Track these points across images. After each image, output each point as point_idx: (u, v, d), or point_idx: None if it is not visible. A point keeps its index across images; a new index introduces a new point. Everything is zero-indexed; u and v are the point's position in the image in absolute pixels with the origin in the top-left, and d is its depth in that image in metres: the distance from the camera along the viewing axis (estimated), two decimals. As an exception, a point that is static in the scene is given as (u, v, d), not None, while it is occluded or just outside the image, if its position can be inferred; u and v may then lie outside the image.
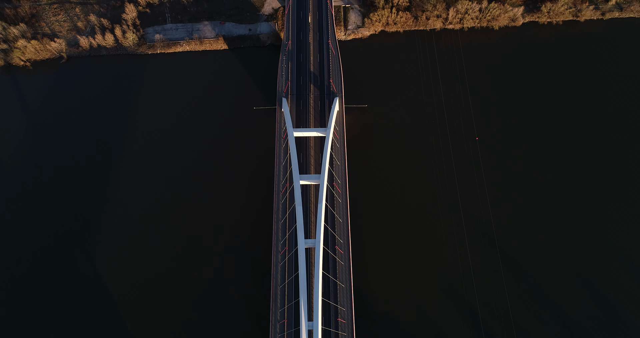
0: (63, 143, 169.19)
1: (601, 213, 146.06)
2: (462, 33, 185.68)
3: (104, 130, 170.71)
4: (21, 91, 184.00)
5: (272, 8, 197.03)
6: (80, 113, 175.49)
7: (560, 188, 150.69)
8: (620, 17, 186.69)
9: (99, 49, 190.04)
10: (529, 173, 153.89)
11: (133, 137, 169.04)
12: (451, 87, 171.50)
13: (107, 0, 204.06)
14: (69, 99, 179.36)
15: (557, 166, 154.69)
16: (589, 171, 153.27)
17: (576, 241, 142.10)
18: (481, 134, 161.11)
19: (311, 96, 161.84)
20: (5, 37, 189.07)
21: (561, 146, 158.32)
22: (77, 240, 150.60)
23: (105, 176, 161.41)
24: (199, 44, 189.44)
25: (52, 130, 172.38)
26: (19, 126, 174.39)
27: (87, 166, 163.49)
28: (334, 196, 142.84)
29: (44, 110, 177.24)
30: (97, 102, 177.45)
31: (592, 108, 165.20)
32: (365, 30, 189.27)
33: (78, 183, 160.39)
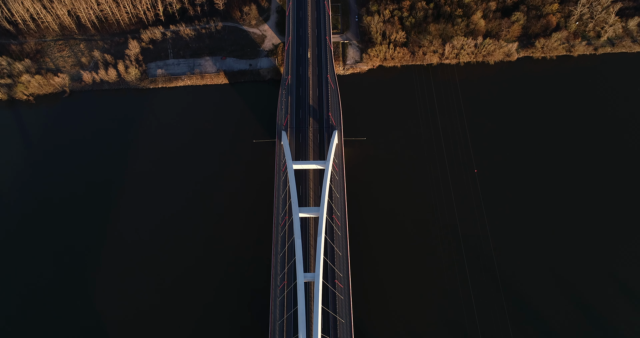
0: (64, 176, 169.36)
1: (602, 244, 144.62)
2: (458, 68, 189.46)
3: (105, 163, 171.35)
4: (23, 124, 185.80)
5: (272, 44, 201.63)
6: (82, 146, 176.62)
7: (560, 220, 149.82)
8: (613, 52, 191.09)
9: (102, 83, 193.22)
10: (528, 204, 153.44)
11: (133, 169, 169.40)
12: (449, 121, 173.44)
13: (111, 36, 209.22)
14: (70, 132, 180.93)
15: (556, 197, 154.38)
16: (588, 203, 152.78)
17: (578, 272, 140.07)
18: (480, 166, 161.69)
19: (310, 129, 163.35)
20: (10, 72, 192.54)
21: (560, 177, 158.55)
22: (74, 273, 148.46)
23: (105, 208, 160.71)
24: (200, 79, 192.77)
25: (53, 163, 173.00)
26: (20, 159, 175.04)
27: (87, 199, 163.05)
28: (333, 229, 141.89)
29: (45, 143, 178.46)
30: (99, 136, 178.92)
31: (588, 140, 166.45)
32: (364, 65, 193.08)
33: (78, 215, 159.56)
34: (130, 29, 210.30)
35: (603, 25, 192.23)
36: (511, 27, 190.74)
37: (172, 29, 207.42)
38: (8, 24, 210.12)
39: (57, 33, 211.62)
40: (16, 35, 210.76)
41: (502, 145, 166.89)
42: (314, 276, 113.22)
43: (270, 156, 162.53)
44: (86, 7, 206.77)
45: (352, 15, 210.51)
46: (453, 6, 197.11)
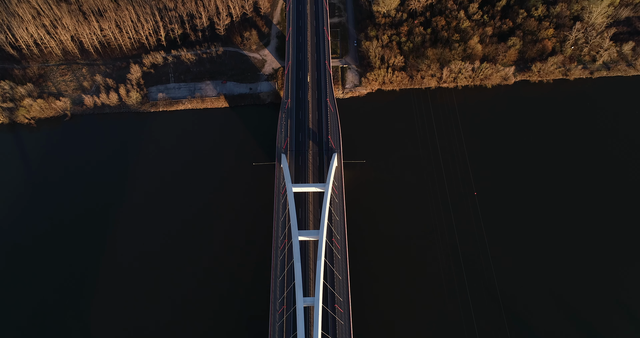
0: (64, 198, 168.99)
1: (603, 265, 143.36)
2: (456, 91, 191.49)
3: (105, 185, 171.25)
4: (24, 147, 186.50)
5: (272, 68, 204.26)
6: (82, 168, 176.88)
7: (560, 242, 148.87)
8: (608, 76, 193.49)
9: (103, 107, 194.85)
10: (529, 227, 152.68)
11: (133, 192, 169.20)
12: (448, 144, 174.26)
13: (113, 61, 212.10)
14: (71, 155, 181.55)
15: (556, 220, 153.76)
16: (587, 224, 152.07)
17: (579, 294, 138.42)
18: (479, 189, 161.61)
19: (310, 152, 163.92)
20: (12, 96, 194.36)
21: (559, 200, 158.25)
22: (74, 296, 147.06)
23: (104, 230, 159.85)
24: (200, 102, 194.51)
25: (54, 185, 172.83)
26: (21, 181, 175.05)
27: (87, 221, 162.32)
28: (333, 252, 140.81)
29: (46, 166, 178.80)
30: (99, 158, 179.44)
31: (587, 162, 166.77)
32: (363, 88, 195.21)
33: (79, 238, 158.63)
34: (132, 54, 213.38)
35: (598, 49, 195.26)
36: (508, 51, 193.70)
37: (174, 53, 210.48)
38: (12, 49, 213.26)
39: (60, 58, 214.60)
40: (19, 60, 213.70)
41: (501, 168, 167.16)
42: (314, 300, 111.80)
43: (270, 179, 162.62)
44: (89, 33, 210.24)
45: (351, 40, 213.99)
46: (450, 31, 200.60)
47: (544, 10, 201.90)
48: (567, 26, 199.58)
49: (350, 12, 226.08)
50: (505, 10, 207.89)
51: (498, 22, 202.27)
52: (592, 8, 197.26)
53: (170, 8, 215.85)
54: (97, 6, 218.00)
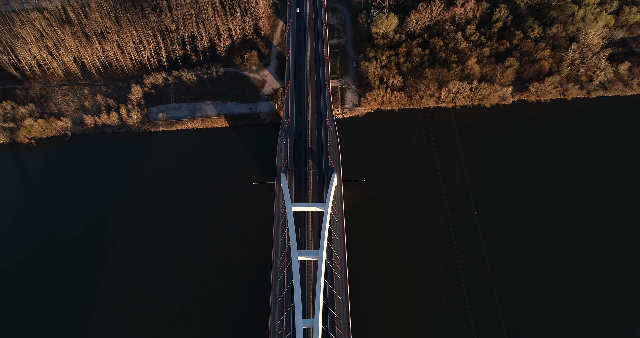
0: (63, 217, 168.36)
1: (605, 284, 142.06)
2: (455, 111, 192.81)
3: (104, 204, 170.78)
4: (24, 167, 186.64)
5: (272, 88, 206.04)
6: (82, 187, 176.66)
7: (562, 261, 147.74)
8: (606, 96, 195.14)
9: (103, 127, 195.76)
10: (530, 246, 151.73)
11: (132, 211, 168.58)
12: (447, 163, 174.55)
13: (115, 82, 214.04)
14: (70, 174, 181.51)
15: (557, 239, 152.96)
16: (588, 243, 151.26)
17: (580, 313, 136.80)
18: (479, 208, 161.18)
19: (309, 172, 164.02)
20: (14, 116, 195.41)
21: (559, 219, 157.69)
22: (76, 305, 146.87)
23: (103, 249, 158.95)
24: (200, 122, 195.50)
25: (53, 204, 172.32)
26: (21, 200, 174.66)
27: (86, 240, 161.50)
28: (333, 272, 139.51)
29: (45, 185, 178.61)
30: (99, 177, 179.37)
31: (586, 181, 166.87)
32: (362, 108, 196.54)
33: (77, 257, 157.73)
34: (134, 75, 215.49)
35: (594, 69, 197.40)
36: (505, 72, 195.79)
37: (175, 74, 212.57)
38: (14, 70, 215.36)
39: (61, 78, 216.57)
40: (22, 80, 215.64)
41: (501, 187, 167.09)
42: (313, 322, 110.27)
43: (270, 198, 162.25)
44: (91, 54, 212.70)
45: (350, 60, 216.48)
46: (448, 52, 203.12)
47: (540, 32, 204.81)
48: (564, 47, 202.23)
49: (349, 34, 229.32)
50: (502, 32, 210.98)
51: (495, 43, 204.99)
52: (587, 29, 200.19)
53: (171, 30, 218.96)
54: (99, 28, 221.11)
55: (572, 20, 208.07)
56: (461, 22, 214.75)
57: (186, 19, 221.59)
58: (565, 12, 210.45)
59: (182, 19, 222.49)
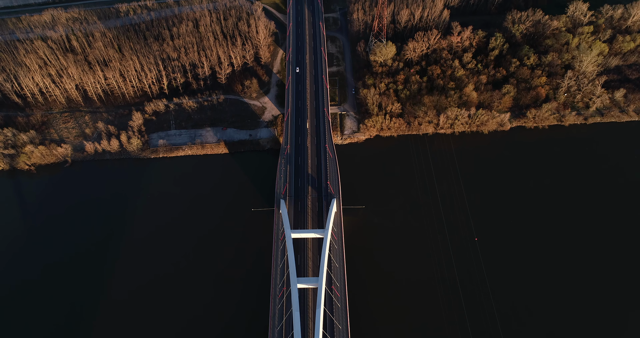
0: (62, 244, 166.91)
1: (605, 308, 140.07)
2: (453, 137, 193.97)
3: (102, 230, 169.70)
4: (23, 194, 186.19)
5: (272, 115, 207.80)
6: (81, 213, 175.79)
7: (563, 287, 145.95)
8: (603, 122, 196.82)
9: (104, 153, 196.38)
10: (531, 273, 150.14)
11: (130, 237, 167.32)
12: (447, 189, 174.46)
13: (116, 109, 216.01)
14: (69, 200, 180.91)
15: (559, 263, 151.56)
16: (588, 268, 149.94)
17: None
18: (480, 234, 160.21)
19: (309, 198, 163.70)
20: (14, 143, 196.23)
21: (560, 244, 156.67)
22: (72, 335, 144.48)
23: (102, 275, 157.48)
24: (200, 149, 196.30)
25: (52, 231, 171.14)
26: (20, 227, 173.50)
27: (84, 266, 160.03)
28: (332, 300, 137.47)
29: (45, 211, 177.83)
30: (98, 204, 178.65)
31: (586, 206, 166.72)
32: (361, 135, 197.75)
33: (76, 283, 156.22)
34: (135, 102, 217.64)
35: (591, 96, 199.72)
36: (502, 98, 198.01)
37: (176, 101, 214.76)
38: (17, 97, 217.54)
39: (63, 106, 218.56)
40: (24, 107, 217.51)
41: (502, 213, 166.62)
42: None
43: (269, 225, 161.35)
44: (94, 82, 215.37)
45: (349, 88, 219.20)
46: (445, 79, 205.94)
47: (536, 60, 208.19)
48: (559, 74, 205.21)
49: (348, 62, 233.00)
50: (498, 60, 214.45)
51: (492, 71, 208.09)
52: (582, 57, 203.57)
53: (173, 58, 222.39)
54: (102, 56, 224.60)
55: (567, 49, 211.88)
56: (458, 50, 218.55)
57: (188, 48, 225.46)
58: (559, 41, 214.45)
59: (183, 47, 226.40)
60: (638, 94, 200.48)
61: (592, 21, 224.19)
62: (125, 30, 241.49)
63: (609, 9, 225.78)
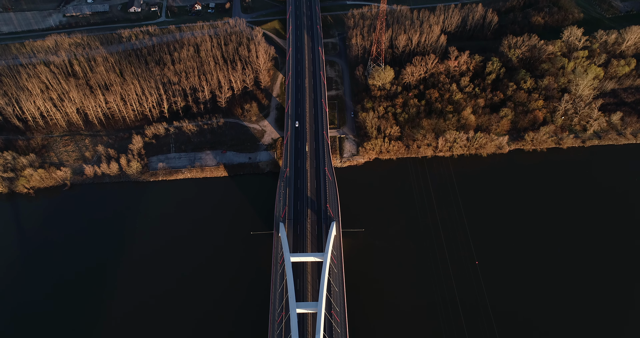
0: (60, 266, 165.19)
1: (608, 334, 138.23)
2: (452, 160, 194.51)
3: (100, 253, 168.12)
4: (22, 217, 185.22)
5: (272, 138, 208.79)
6: (78, 236, 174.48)
7: (566, 312, 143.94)
8: (600, 145, 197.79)
9: (103, 176, 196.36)
10: (533, 297, 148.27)
11: (128, 260, 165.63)
12: (446, 211, 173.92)
13: (116, 132, 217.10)
14: (68, 223, 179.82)
15: (562, 288, 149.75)
16: (590, 293, 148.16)
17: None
18: (481, 257, 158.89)
19: (308, 221, 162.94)
20: (14, 166, 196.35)
21: (561, 266, 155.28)
22: None
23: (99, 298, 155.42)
24: (200, 172, 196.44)
25: (50, 254, 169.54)
26: (17, 250, 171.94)
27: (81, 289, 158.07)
28: (332, 325, 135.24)
29: (43, 234, 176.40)
30: (96, 227, 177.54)
31: (587, 228, 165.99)
32: (360, 158, 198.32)
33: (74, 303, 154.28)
34: (135, 125, 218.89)
35: (588, 119, 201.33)
36: (500, 121, 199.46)
37: (176, 124, 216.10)
38: (18, 121, 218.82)
39: (64, 129, 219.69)
40: (24, 131, 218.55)
41: (502, 235, 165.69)
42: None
43: (268, 248, 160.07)
44: (94, 105, 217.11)
45: (348, 111, 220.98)
46: (444, 103, 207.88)
47: (533, 83, 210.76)
48: (556, 98, 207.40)
49: (347, 85, 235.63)
50: (495, 83, 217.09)
51: (489, 94, 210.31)
52: (578, 81, 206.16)
53: (174, 82, 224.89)
54: (103, 81, 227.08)
55: (563, 73, 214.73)
56: (455, 74, 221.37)
57: (188, 72, 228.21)
58: (555, 65, 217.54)
59: (184, 72, 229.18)
60: (635, 117, 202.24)
61: (587, 46, 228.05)
62: (127, 55, 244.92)
63: (603, 34, 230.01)
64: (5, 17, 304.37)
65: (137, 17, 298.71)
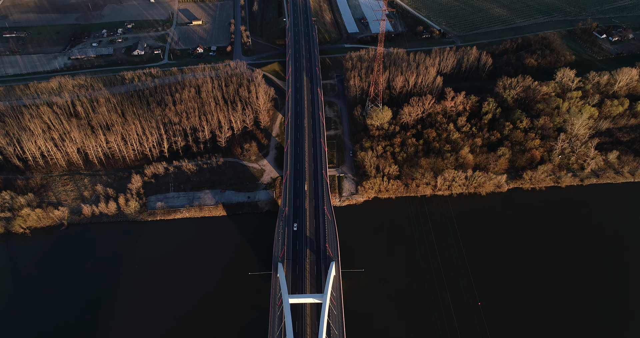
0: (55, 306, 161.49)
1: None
2: (451, 199, 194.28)
3: (96, 293, 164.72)
4: (16, 257, 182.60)
5: (271, 177, 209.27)
6: (73, 277, 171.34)
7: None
8: (599, 183, 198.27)
9: (100, 216, 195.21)
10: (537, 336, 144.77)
11: (124, 301, 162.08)
12: (447, 251, 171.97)
13: (116, 171, 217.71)
14: (63, 264, 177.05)
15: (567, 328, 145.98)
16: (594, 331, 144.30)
17: None
18: (483, 298, 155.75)
19: (307, 261, 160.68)
20: (11, 206, 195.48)
21: (566, 308, 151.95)
22: None
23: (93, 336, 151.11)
24: (198, 211, 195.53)
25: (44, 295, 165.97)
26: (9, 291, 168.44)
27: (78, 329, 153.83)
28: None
29: (37, 275, 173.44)
30: (92, 267, 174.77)
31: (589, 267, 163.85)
32: (359, 196, 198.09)
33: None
34: (135, 165, 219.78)
35: (585, 158, 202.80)
36: (498, 160, 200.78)
37: (175, 164, 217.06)
38: (18, 160, 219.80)
39: (63, 169, 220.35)
40: (24, 171, 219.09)
41: (504, 276, 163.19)
42: None
43: (266, 290, 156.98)
44: (95, 145, 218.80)
45: (347, 150, 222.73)
46: (441, 142, 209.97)
47: (529, 123, 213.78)
48: (552, 137, 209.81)
49: (346, 125, 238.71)
50: (492, 123, 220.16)
51: (486, 134, 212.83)
52: (573, 120, 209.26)
53: (175, 122, 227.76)
54: (105, 121, 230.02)
55: (558, 112, 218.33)
56: (452, 114, 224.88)
57: (189, 113, 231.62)
58: (550, 105, 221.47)
59: (185, 112, 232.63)
60: (631, 155, 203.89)
61: (580, 87, 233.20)
62: (129, 96, 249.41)
63: (595, 75, 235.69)
64: (11, 60, 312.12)
65: (140, 59, 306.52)
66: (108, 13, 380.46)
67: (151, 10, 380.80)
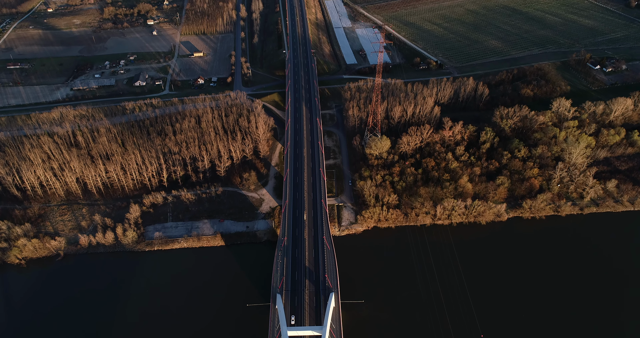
0: None
1: None
2: (451, 228, 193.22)
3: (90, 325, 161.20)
4: (9, 289, 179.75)
5: (270, 207, 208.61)
6: (67, 309, 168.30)
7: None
8: (599, 212, 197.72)
9: (97, 246, 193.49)
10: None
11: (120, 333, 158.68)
12: (448, 281, 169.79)
13: (114, 201, 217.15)
14: (58, 295, 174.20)
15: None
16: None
17: None
18: (486, 330, 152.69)
19: (306, 292, 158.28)
20: (8, 236, 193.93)
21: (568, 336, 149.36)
22: None
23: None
24: (196, 241, 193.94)
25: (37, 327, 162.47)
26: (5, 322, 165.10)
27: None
28: None
29: (31, 307, 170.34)
30: (87, 299, 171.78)
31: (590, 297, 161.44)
32: (359, 226, 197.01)
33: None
34: (134, 194, 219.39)
35: (584, 187, 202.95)
36: (497, 189, 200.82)
37: (174, 193, 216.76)
38: (16, 190, 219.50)
39: (62, 198, 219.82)
40: (22, 200, 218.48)
41: (506, 307, 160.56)
42: None
43: (264, 321, 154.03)
44: (94, 175, 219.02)
45: (346, 180, 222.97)
46: (440, 171, 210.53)
47: (527, 152, 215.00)
48: (551, 166, 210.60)
49: (345, 155, 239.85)
50: (490, 152, 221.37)
51: (485, 163, 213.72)
52: (570, 149, 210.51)
53: (174, 152, 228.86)
54: (105, 150, 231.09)
55: (555, 141, 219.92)
56: (450, 144, 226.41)
57: (189, 142, 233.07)
58: (547, 134, 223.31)
59: (185, 142, 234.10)
60: (630, 184, 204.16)
61: (576, 116, 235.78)
62: (130, 126, 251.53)
63: (591, 105, 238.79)
64: (14, 91, 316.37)
65: (141, 90, 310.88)
66: (111, 45, 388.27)
67: (153, 43, 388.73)
